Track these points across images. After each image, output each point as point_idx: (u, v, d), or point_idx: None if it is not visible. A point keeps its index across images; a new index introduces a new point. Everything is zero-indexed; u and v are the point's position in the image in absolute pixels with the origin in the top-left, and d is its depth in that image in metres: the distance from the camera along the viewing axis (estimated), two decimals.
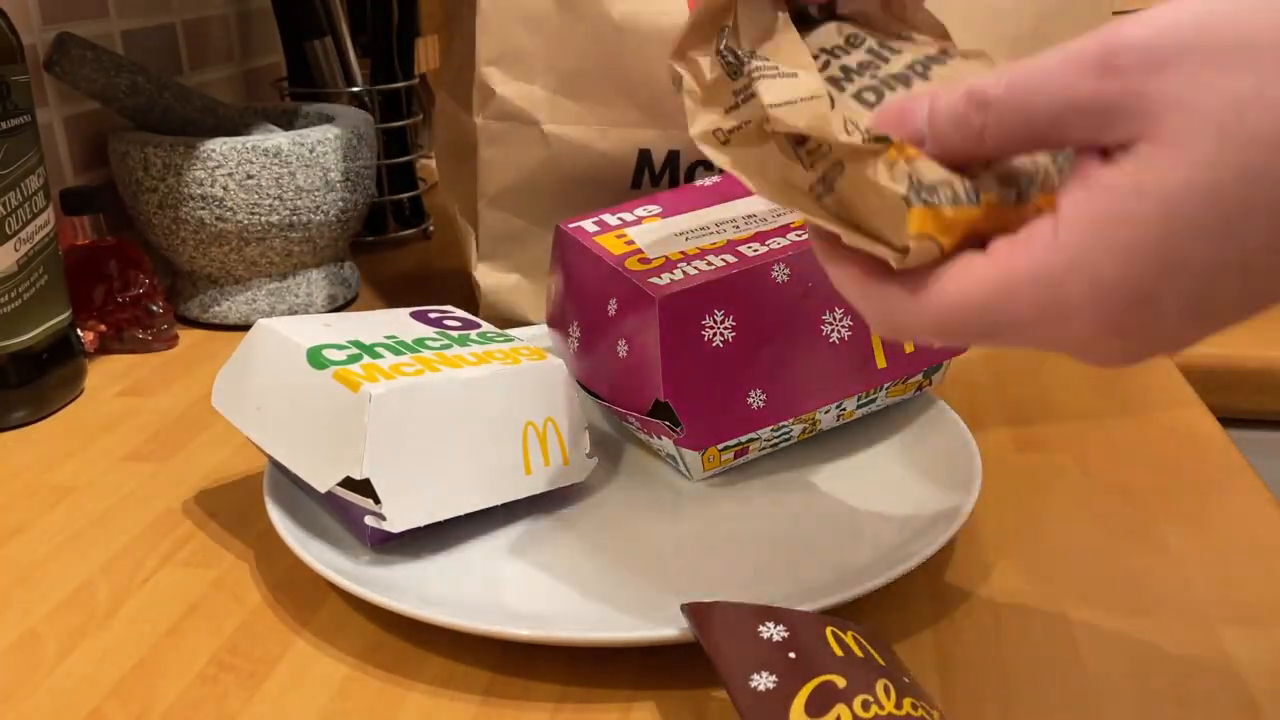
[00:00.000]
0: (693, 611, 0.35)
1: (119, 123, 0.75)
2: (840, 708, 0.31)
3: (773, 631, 0.33)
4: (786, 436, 0.51)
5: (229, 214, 0.69)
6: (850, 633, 0.34)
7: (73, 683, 0.40)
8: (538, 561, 0.46)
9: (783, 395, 0.49)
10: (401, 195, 0.94)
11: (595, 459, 0.50)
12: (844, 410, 0.52)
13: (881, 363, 0.51)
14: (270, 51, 1.02)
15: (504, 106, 0.62)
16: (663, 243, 0.51)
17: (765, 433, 0.50)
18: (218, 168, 0.68)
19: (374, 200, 0.87)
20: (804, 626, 0.34)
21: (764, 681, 0.31)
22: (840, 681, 0.31)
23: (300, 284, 0.75)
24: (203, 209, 0.69)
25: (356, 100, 0.90)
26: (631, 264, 0.50)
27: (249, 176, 0.69)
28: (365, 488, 0.43)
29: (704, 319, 0.47)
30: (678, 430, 0.48)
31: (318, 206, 0.71)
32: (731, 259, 0.49)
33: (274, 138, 0.69)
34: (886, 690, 0.32)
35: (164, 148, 0.69)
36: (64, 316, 0.63)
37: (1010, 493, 0.50)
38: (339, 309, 0.77)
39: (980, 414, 0.58)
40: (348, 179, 0.73)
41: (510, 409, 0.47)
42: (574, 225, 0.54)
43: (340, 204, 0.73)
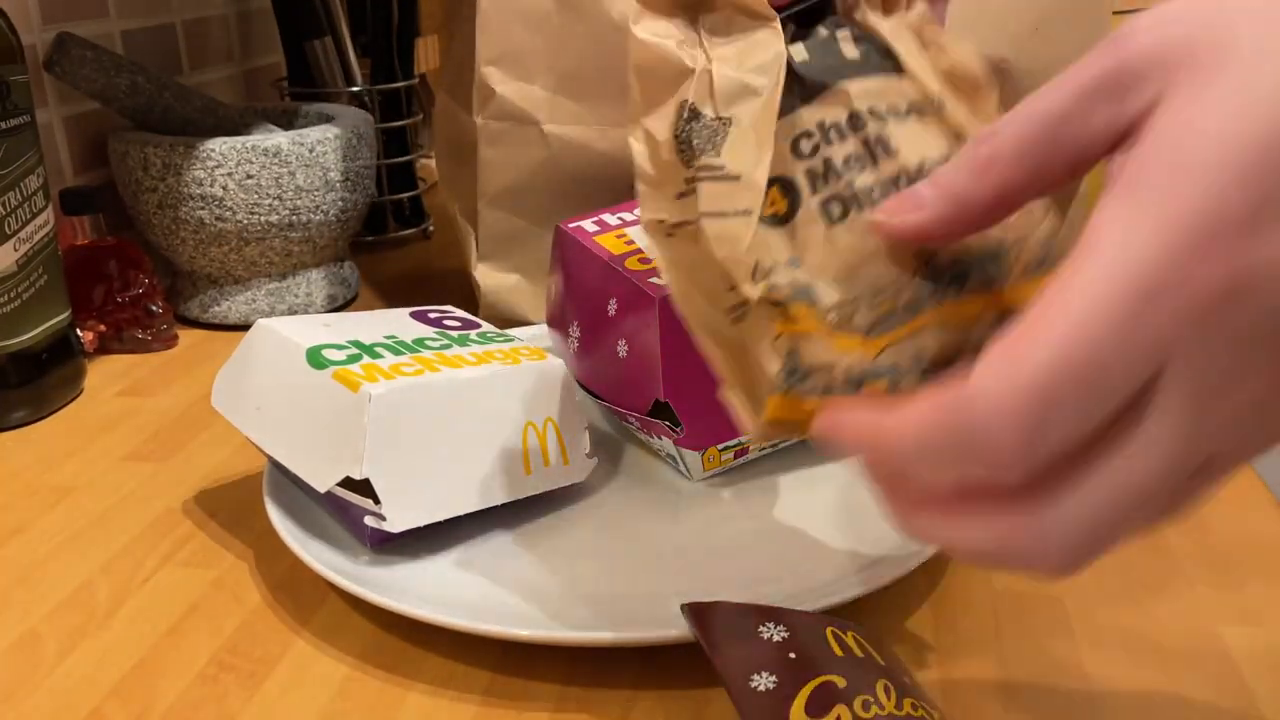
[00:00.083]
0: (693, 612, 0.35)
1: (119, 123, 0.75)
2: (840, 708, 0.31)
3: (773, 632, 0.33)
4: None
5: (228, 214, 0.69)
6: (850, 633, 0.34)
7: (73, 683, 0.40)
8: (538, 561, 0.45)
9: None
10: (401, 195, 0.94)
11: (595, 459, 0.50)
12: None
13: None
14: (270, 51, 1.02)
15: (504, 106, 0.62)
16: None
17: None
18: (217, 167, 0.68)
19: (374, 200, 0.87)
20: (804, 627, 0.34)
21: (764, 682, 0.31)
22: (840, 682, 0.31)
23: (300, 284, 0.75)
24: (202, 209, 0.69)
25: (356, 100, 0.90)
26: (631, 264, 0.50)
27: (248, 176, 0.69)
28: (365, 488, 0.43)
29: None
30: (678, 430, 0.48)
31: (317, 206, 0.71)
32: None
33: (273, 137, 0.69)
34: (887, 690, 0.31)
35: (163, 148, 0.69)
36: (63, 316, 0.63)
37: None
38: (339, 309, 0.77)
39: None
40: (347, 179, 0.73)
41: (510, 409, 0.47)
42: (574, 225, 0.54)
43: (340, 204, 0.73)
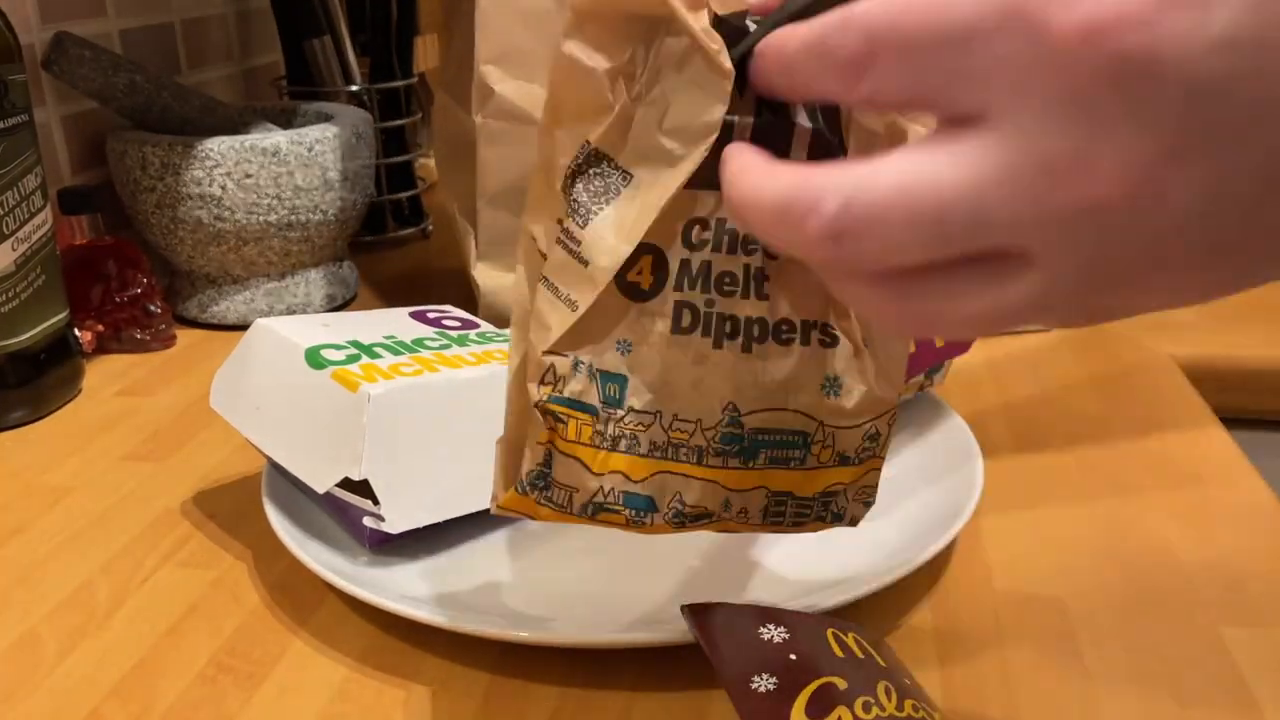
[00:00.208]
0: (693, 613, 0.35)
1: (117, 122, 0.75)
2: (841, 709, 0.30)
3: (773, 633, 0.33)
4: None
5: (227, 213, 0.69)
6: (851, 634, 0.34)
7: (72, 683, 0.40)
8: (537, 563, 0.45)
9: None
10: (400, 194, 0.94)
11: None
12: None
13: None
14: (269, 50, 1.02)
15: (503, 105, 0.62)
16: None
17: None
18: (216, 167, 0.68)
19: (373, 200, 0.87)
20: (805, 628, 0.34)
21: (765, 683, 0.31)
22: (841, 683, 0.31)
23: (299, 284, 0.75)
24: (201, 208, 0.69)
25: (355, 99, 0.90)
26: None
27: (247, 176, 0.68)
28: (364, 488, 0.43)
29: None
30: None
31: (316, 206, 0.71)
32: None
33: (272, 137, 0.69)
34: (888, 692, 0.31)
35: (162, 147, 0.68)
36: (62, 316, 0.63)
37: (1011, 493, 0.50)
38: (337, 309, 0.77)
39: (981, 414, 0.58)
40: (346, 178, 0.73)
41: None
42: None
43: (339, 203, 0.73)
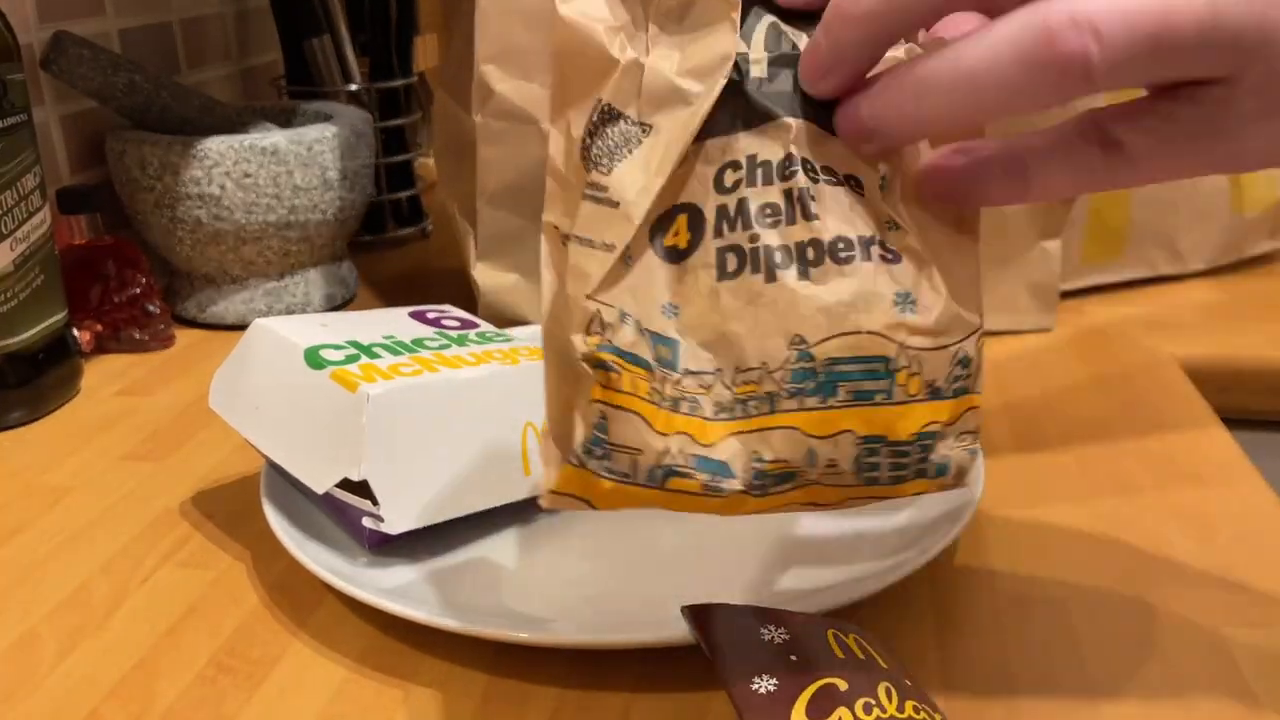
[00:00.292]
0: (693, 614, 0.35)
1: (116, 121, 0.75)
2: (842, 710, 0.30)
3: (774, 634, 0.33)
4: None
5: (226, 213, 0.69)
6: (852, 635, 0.34)
7: (71, 683, 0.40)
8: (537, 563, 0.45)
9: None
10: (400, 194, 0.94)
11: None
12: None
13: None
14: (268, 50, 1.02)
15: (503, 105, 0.62)
16: None
17: None
18: (215, 166, 0.68)
19: (372, 199, 0.87)
20: (805, 629, 0.34)
21: (765, 684, 0.31)
22: (842, 684, 0.31)
23: (298, 284, 0.75)
24: (200, 208, 0.69)
25: (355, 99, 0.89)
26: None
27: (246, 175, 0.68)
28: (363, 489, 0.42)
29: None
30: None
31: (315, 206, 0.71)
32: None
33: (271, 136, 0.69)
34: (888, 693, 0.31)
35: (161, 146, 0.68)
36: (60, 316, 0.63)
37: (1012, 493, 0.50)
38: (337, 309, 0.77)
39: (983, 415, 0.58)
40: (346, 178, 0.73)
41: (509, 409, 0.47)
42: None
43: (338, 203, 0.73)
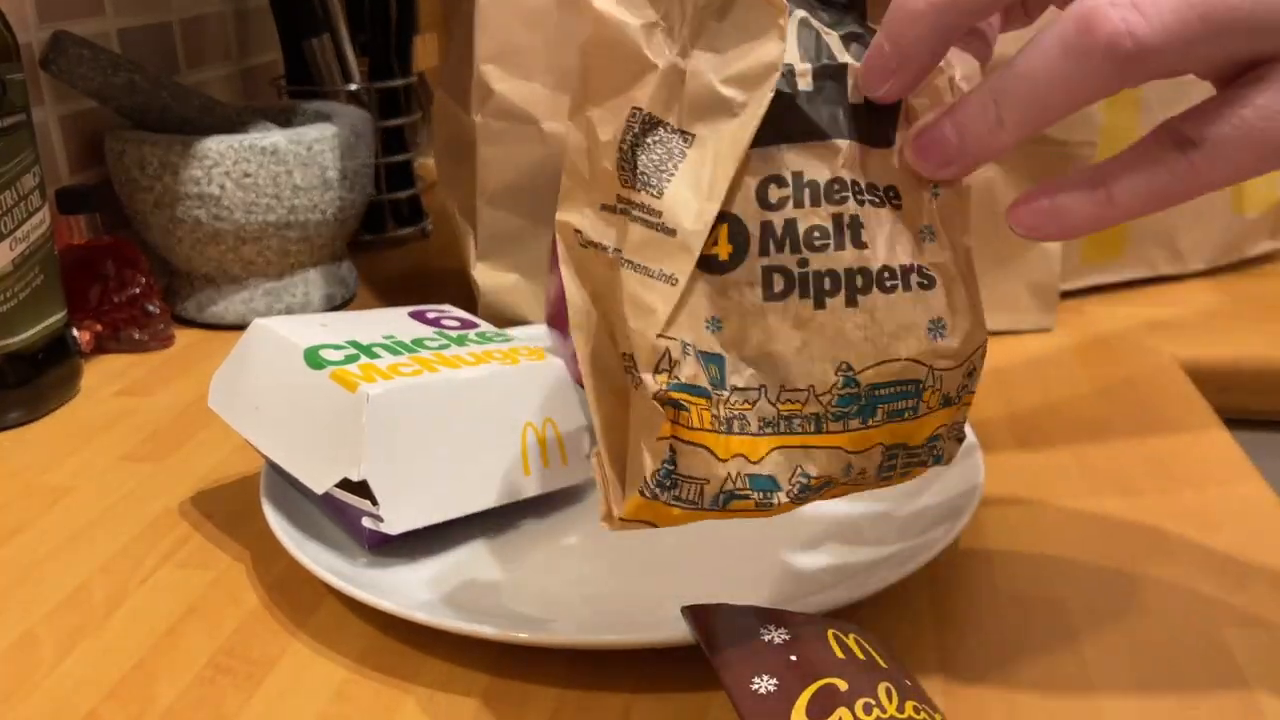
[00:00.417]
0: (693, 614, 0.35)
1: (115, 121, 0.75)
2: (842, 711, 0.30)
3: (774, 634, 0.33)
4: None
5: (226, 213, 0.69)
6: (852, 635, 0.34)
7: (70, 684, 0.40)
8: (537, 563, 0.45)
9: None
10: (400, 194, 0.94)
11: None
12: None
13: None
14: (268, 50, 1.02)
15: (503, 104, 0.62)
16: None
17: None
18: (214, 166, 0.68)
19: (372, 199, 0.87)
20: (805, 629, 0.33)
21: (765, 684, 0.31)
22: (842, 684, 0.31)
23: (297, 283, 0.74)
24: (199, 208, 0.69)
25: (355, 98, 0.89)
26: None
27: (246, 175, 0.68)
28: (363, 489, 0.42)
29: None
30: None
31: (315, 205, 0.71)
32: None
33: (271, 136, 0.69)
34: (889, 693, 0.31)
35: (160, 146, 0.68)
36: (60, 316, 0.63)
37: (1012, 493, 0.50)
38: (336, 308, 0.77)
39: (983, 414, 0.58)
40: (345, 178, 0.73)
41: (509, 409, 0.47)
42: None
43: (338, 203, 0.73)
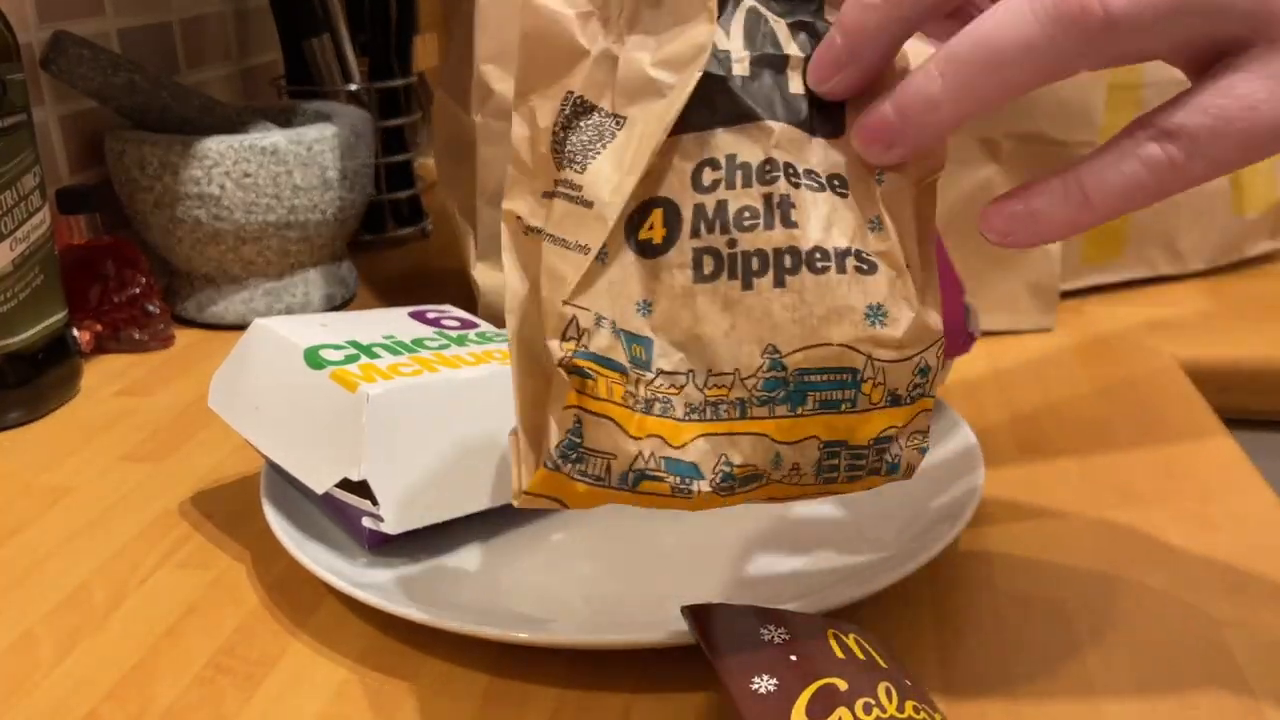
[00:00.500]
0: (693, 614, 0.35)
1: (116, 121, 0.75)
2: (842, 711, 0.30)
3: (774, 634, 0.33)
4: None
5: (226, 213, 0.69)
6: (852, 635, 0.34)
7: (70, 684, 0.40)
8: (537, 563, 0.45)
9: None
10: (400, 194, 0.94)
11: None
12: None
13: None
14: (268, 50, 1.02)
15: (503, 104, 0.62)
16: None
17: None
18: (214, 166, 0.68)
19: (372, 199, 0.87)
20: (805, 629, 0.34)
21: (765, 684, 0.31)
22: (842, 684, 0.31)
23: (297, 283, 0.74)
24: (199, 208, 0.69)
25: (355, 98, 0.89)
26: None
27: (246, 175, 0.68)
28: (363, 489, 0.42)
29: None
30: None
31: (315, 205, 0.71)
32: None
33: (271, 136, 0.69)
34: (888, 693, 0.31)
35: (160, 146, 0.68)
36: (60, 316, 0.63)
37: (1012, 493, 0.50)
38: (336, 309, 0.77)
39: (983, 415, 0.58)
40: (345, 178, 0.73)
41: (509, 409, 0.46)
42: None
43: (338, 203, 0.73)
